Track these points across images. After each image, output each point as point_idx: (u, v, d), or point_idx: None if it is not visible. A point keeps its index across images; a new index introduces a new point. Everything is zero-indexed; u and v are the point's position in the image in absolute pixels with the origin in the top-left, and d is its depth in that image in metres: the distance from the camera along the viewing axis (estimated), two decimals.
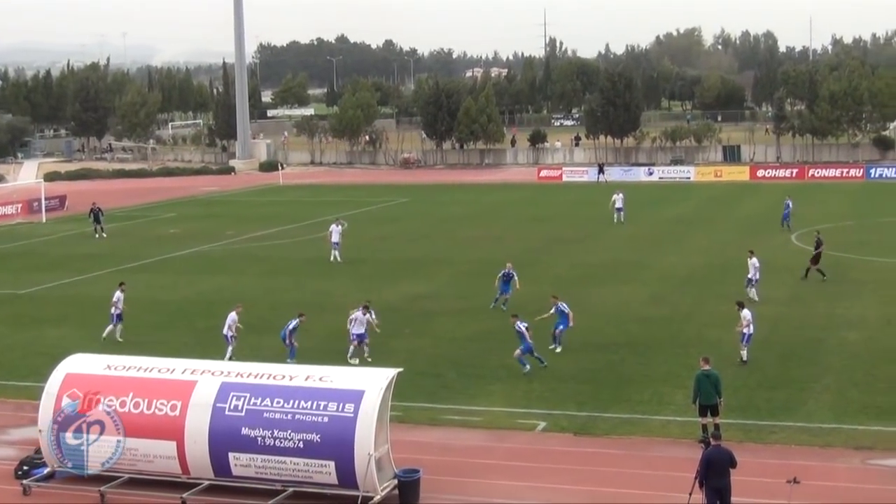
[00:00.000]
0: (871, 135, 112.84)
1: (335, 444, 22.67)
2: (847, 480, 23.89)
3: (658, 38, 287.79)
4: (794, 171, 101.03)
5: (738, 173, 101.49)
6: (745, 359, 33.25)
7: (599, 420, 28.50)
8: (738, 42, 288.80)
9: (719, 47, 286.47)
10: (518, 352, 32.84)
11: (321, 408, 22.94)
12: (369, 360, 33.71)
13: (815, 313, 40.53)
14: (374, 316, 35.20)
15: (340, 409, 22.84)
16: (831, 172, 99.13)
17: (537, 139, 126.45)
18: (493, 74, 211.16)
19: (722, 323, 37.53)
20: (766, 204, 72.46)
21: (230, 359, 32.79)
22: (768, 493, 22.24)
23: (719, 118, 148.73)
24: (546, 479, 24.34)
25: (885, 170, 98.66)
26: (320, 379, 23.75)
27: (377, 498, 22.89)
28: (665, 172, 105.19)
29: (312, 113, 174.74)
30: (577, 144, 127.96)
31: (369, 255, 57.07)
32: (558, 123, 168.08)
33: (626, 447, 26.49)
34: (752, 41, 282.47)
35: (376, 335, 35.15)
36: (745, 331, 33.27)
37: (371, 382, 23.49)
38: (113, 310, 38.69)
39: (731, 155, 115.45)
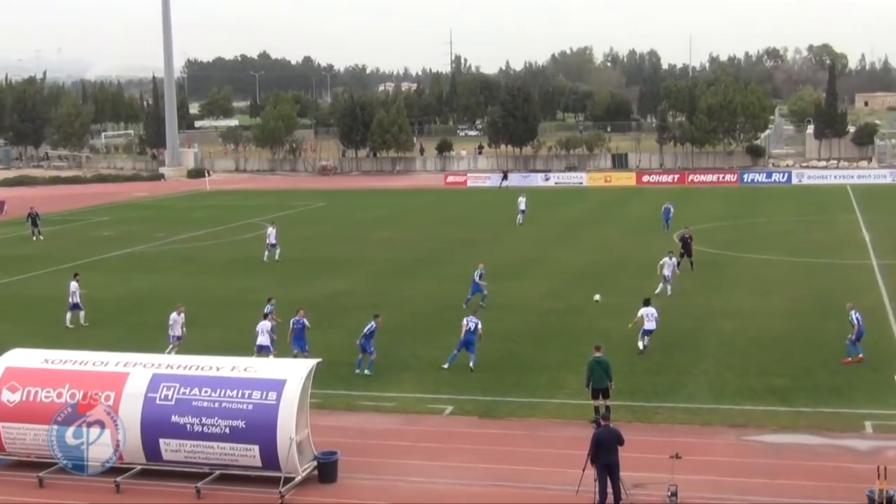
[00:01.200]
0: (744, 143, 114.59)
1: (259, 429, 22.52)
2: (724, 455, 24.28)
3: (553, 55, 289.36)
4: (676, 176, 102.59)
5: (625, 179, 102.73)
6: (640, 348, 33.27)
7: (501, 404, 28.63)
8: (625, 60, 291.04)
9: (608, 64, 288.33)
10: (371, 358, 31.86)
11: (246, 396, 22.78)
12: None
13: (695, 305, 41.11)
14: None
15: (264, 396, 22.72)
16: (709, 178, 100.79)
17: (444, 148, 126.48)
18: (403, 89, 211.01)
19: (611, 314, 37.89)
20: (650, 206, 73.22)
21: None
22: (653, 468, 22.52)
23: (608, 129, 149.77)
24: (454, 458, 24.41)
25: (757, 175, 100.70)
26: (245, 369, 23.58)
27: (298, 478, 22.79)
28: (560, 178, 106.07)
29: (237, 124, 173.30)
30: (480, 153, 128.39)
31: (290, 254, 56.61)
32: (463, 133, 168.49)
33: (525, 428, 26.65)
34: (638, 59, 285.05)
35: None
36: (647, 325, 33.20)
37: (292, 372, 23.39)
38: (70, 299, 39.20)
39: (620, 162, 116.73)
